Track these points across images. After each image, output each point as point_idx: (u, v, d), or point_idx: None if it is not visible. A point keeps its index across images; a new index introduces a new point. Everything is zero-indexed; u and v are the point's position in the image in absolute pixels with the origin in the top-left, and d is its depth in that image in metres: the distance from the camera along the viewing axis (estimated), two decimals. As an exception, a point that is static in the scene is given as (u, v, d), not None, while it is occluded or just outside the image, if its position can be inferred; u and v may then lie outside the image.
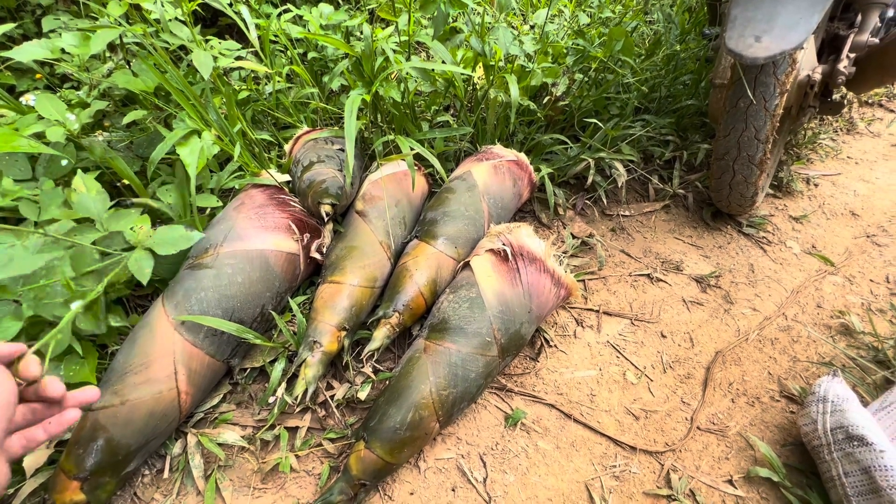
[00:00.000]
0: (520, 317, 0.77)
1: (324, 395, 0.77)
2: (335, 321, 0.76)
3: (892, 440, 0.67)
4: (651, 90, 1.30)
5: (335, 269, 0.82)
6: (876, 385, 0.85)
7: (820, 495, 0.69)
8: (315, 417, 0.76)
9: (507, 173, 1.02)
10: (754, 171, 0.99)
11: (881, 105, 1.91)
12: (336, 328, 0.75)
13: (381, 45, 0.93)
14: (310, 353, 0.72)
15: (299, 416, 0.75)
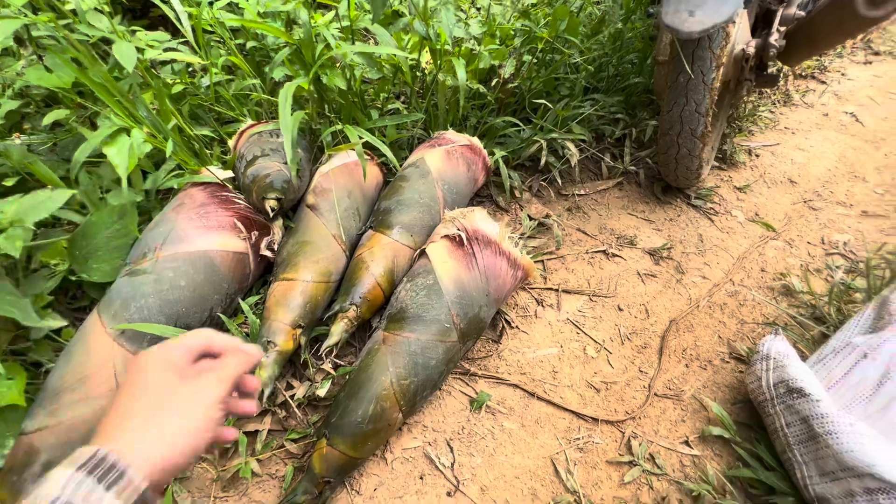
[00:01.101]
0: (478, 300, 0.77)
1: (283, 396, 0.75)
2: (289, 319, 0.73)
3: (828, 390, 0.72)
4: (599, 69, 1.32)
5: (287, 266, 0.79)
6: (814, 340, 0.90)
7: (767, 447, 0.74)
8: (276, 419, 0.74)
9: (461, 158, 1.01)
10: (697, 144, 1.02)
11: (814, 77, 2.02)
12: (291, 326, 0.73)
13: (322, 32, 0.90)
14: (264, 354, 0.70)
15: (259, 419, 0.73)
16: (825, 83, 1.99)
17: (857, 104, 1.85)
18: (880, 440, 0.60)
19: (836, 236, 1.23)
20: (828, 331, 0.91)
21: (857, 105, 1.84)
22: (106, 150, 0.72)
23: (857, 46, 2.36)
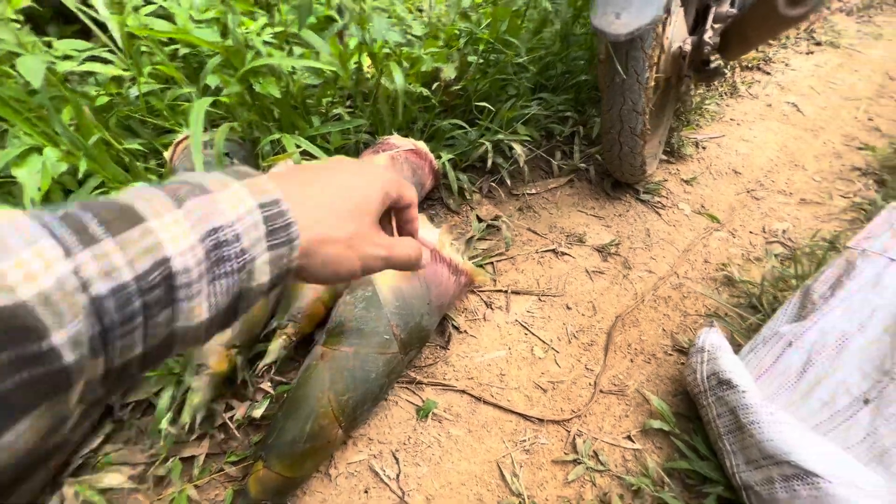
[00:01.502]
0: (419, 309, 0.76)
1: (222, 418, 0.73)
2: (223, 339, 0.71)
3: (758, 379, 0.75)
4: (546, 68, 1.33)
5: (221, 284, 0.77)
6: (751, 329, 0.94)
7: (703, 438, 0.76)
8: (214, 442, 0.72)
9: (406, 163, 1.00)
10: (638, 142, 1.04)
11: (759, 69, 2.09)
12: (224, 347, 0.71)
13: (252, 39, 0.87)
14: (195, 378, 0.68)
15: (196, 443, 0.71)
16: (770, 74, 2.06)
17: (799, 94, 1.92)
18: (799, 428, 0.62)
19: (776, 225, 1.28)
20: (763, 320, 0.94)
21: (798, 95, 1.91)
22: (15, 171, 0.68)
23: (801, 37, 2.45)
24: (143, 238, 0.20)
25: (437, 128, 1.15)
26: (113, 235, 0.20)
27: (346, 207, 0.30)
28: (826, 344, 0.71)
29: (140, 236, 0.20)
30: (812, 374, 0.70)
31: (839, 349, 0.70)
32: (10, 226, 0.17)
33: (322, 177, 0.30)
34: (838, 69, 2.18)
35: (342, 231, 0.29)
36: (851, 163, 1.55)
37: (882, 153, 1.56)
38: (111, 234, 0.20)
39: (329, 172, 0.31)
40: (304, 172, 0.30)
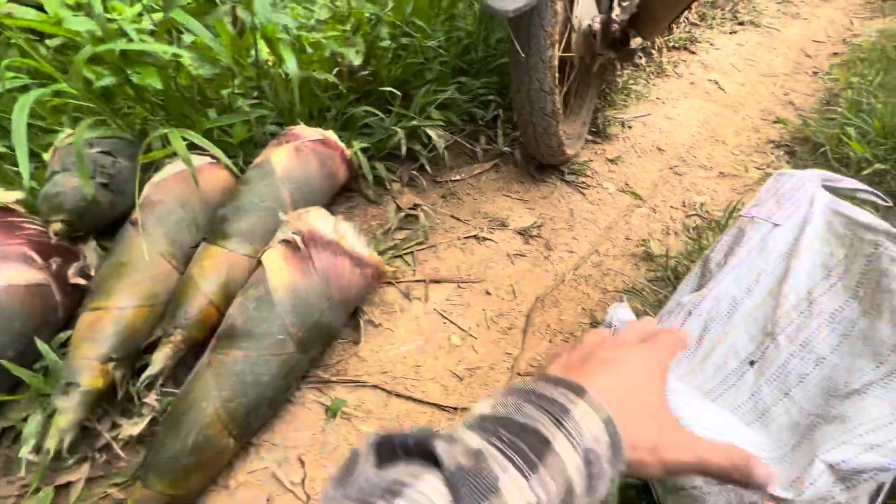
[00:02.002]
0: (318, 306, 0.73)
1: (106, 437, 0.67)
2: (97, 353, 0.65)
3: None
4: (465, 52, 1.31)
5: (97, 294, 0.71)
6: (663, 301, 0.96)
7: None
8: (97, 465, 0.66)
9: (313, 154, 0.96)
10: (551, 123, 1.04)
11: (685, 48, 2.15)
12: (100, 361, 0.65)
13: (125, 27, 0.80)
14: (63, 398, 0.62)
15: (75, 468, 0.65)
16: (695, 53, 2.12)
17: (721, 72, 1.99)
18: (690, 394, 0.63)
19: (695, 198, 1.32)
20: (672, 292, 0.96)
21: (720, 73, 1.98)
22: None
23: (725, 17, 2.54)
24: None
25: (351, 116, 1.11)
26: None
27: (646, 407, 0.30)
28: (720, 310, 0.73)
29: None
30: (707, 340, 0.72)
31: (730, 314, 0.71)
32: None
33: (616, 372, 0.31)
34: (758, 47, 2.27)
35: (646, 437, 0.29)
36: (767, 136, 1.62)
37: (793, 126, 1.63)
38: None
39: (618, 365, 0.32)
40: (604, 373, 0.31)
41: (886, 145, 1.32)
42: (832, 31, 2.56)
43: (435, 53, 1.22)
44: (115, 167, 0.83)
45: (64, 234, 0.71)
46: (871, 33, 2.45)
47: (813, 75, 2.07)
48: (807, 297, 0.65)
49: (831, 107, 1.71)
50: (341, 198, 1.12)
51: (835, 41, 2.45)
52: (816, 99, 1.83)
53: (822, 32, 2.54)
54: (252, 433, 0.68)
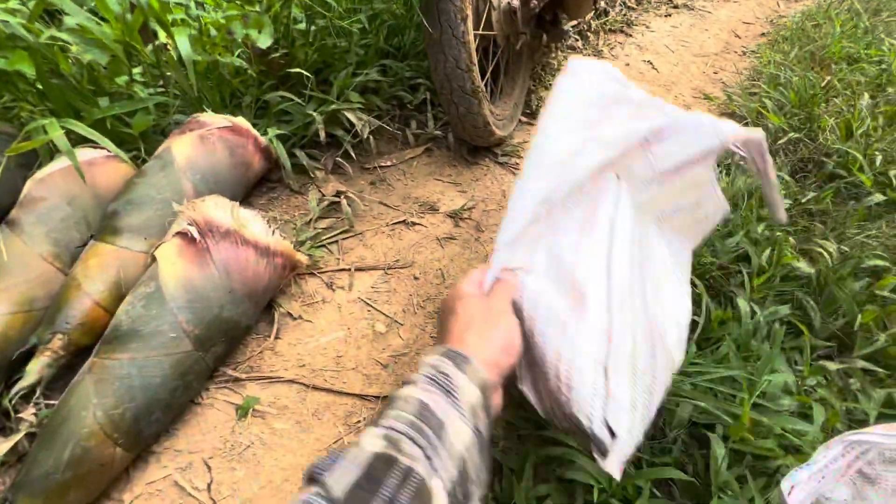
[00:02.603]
0: (217, 300, 0.68)
1: (-23, 460, 0.61)
2: (-43, 368, 0.59)
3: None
4: (391, 34, 1.27)
5: (-41, 302, 0.63)
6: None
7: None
8: (-34, 491, 0.60)
9: (220, 142, 0.90)
10: (472, 101, 1.02)
11: (622, 31, 2.19)
12: (-40, 376, 0.59)
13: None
14: None
15: (-62, 497, 0.59)
16: (631, 36, 2.16)
17: (655, 53, 2.03)
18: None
19: (627, 175, 1.33)
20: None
21: (654, 54, 2.02)
22: None
23: (661, 0, 2.60)
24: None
25: (267, 102, 1.05)
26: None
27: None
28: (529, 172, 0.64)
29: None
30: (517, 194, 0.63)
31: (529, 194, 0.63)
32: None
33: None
34: (691, 29, 2.34)
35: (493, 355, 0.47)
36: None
37: (721, 102, 1.69)
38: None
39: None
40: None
41: (800, 115, 1.39)
42: (760, 13, 2.67)
43: (357, 36, 1.18)
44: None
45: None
46: (794, 14, 2.58)
47: (742, 54, 2.15)
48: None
49: (755, 83, 1.78)
50: (262, 188, 1.06)
51: (763, 22, 2.56)
52: (743, 76, 1.90)
53: (751, 14, 2.64)
54: (147, 441, 0.63)
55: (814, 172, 1.22)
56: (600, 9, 2.09)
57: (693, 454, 0.66)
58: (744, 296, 0.82)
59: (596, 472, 0.61)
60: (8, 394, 0.64)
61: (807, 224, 1.05)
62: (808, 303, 0.85)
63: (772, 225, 1.01)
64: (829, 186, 1.11)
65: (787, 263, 0.89)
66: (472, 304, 0.49)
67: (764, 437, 0.62)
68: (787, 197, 1.11)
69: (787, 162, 1.25)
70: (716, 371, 0.69)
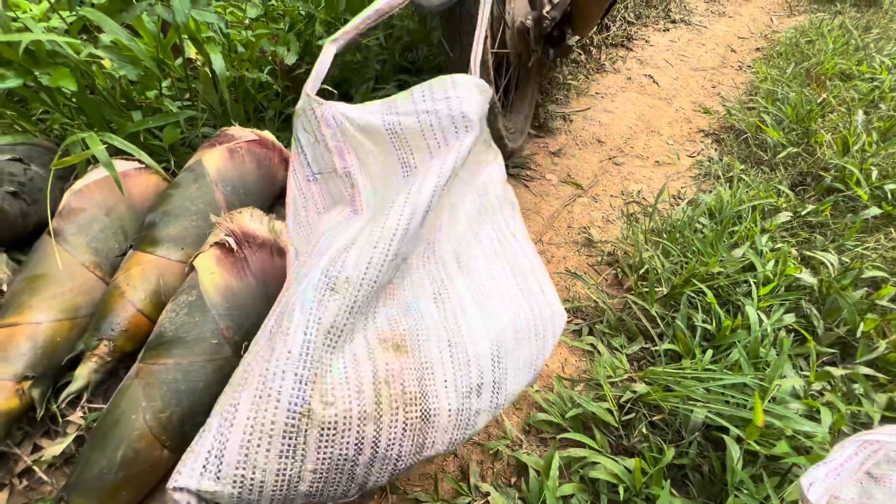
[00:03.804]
0: (255, 308, 0.71)
1: (25, 461, 0.63)
2: (10, 373, 0.61)
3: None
4: (406, 49, 1.31)
5: (9, 309, 0.66)
6: (607, 283, 1.00)
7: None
8: (17, 492, 0.62)
9: (248, 155, 0.93)
10: (489, 117, 1.06)
11: (623, 45, 2.25)
12: (13, 381, 0.61)
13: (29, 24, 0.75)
14: (-29, 422, 0.57)
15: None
16: (632, 50, 2.23)
17: (655, 67, 2.10)
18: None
19: (632, 186, 1.38)
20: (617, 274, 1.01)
21: (654, 68, 2.09)
22: None
23: (659, 16, 2.68)
24: None
25: (290, 116, 1.09)
26: None
27: None
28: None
29: None
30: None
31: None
32: None
33: None
34: (689, 44, 2.41)
35: None
36: (698, 126, 1.72)
37: (720, 116, 1.75)
38: None
39: None
40: None
41: (798, 130, 1.44)
42: (754, 28, 2.76)
43: (375, 52, 1.22)
44: (26, 175, 0.78)
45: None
46: (787, 30, 2.66)
47: (738, 69, 2.22)
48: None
49: (753, 97, 1.85)
50: (283, 199, 1.10)
51: (757, 37, 2.64)
52: (741, 91, 1.97)
53: (746, 29, 2.73)
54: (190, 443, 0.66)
55: (812, 186, 1.27)
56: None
57: (709, 455, 0.69)
58: (752, 305, 0.86)
59: (620, 472, 0.64)
60: (55, 398, 0.66)
61: (807, 235, 1.10)
62: (812, 311, 0.89)
63: (775, 237, 1.05)
64: (828, 199, 1.16)
65: (791, 274, 0.94)
66: None
67: (776, 439, 0.66)
68: (787, 209, 1.16)
69: (786, 175, 1.31)
70: (728, 377, 0.73)
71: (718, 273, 0.94)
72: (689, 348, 0.81)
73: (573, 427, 0.74)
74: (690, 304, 0.90)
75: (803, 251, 1.04)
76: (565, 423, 0.75)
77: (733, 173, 1.34)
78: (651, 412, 0.75)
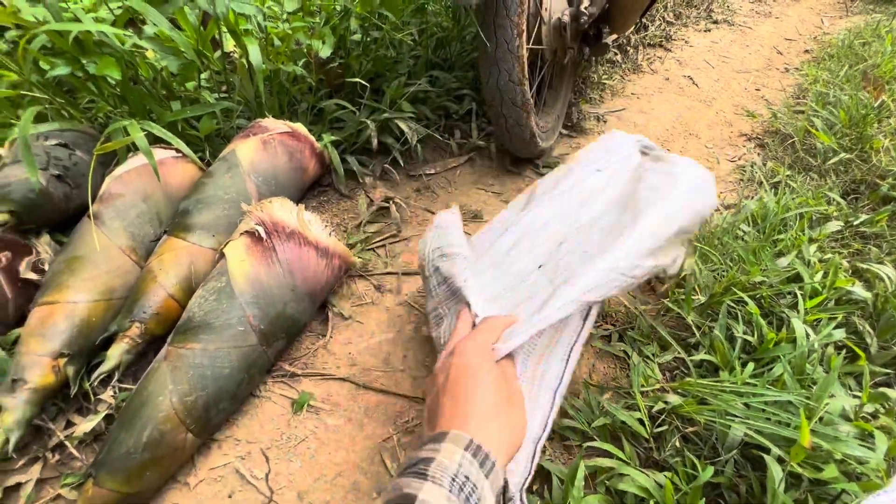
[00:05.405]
0: (281, 297, 0.72)
1: (59, 436, 0.65)
2: (47, 349, 0.63)
3: (479, 258, 0.75)
4: (439, 46, 1.30)
5: (49, 288, 0.68)
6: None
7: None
8: (49, 465, 0.64)
9: (281, 147, 0.94)
10: (522, 114, 1.04)
11: (661, 46, 2.18)
12: (50, 357, 0.63)
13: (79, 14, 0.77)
14: (9, 395, 0.59)
15: (24, 469, 0.63)
16: (670, 50, 2.16)
17: (695, 68, 2.02)
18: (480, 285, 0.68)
19: (668, 190, 1.33)
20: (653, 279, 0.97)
21: (694, 69, 2.01)
22: None
23: (700, 16, 2.59)
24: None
25: (322, 109, 1.10)
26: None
27: (493, 406, 0.43)
28: (532, 228, 0.76)
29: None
30: (515, 252, 0.73)
31: (539, 232, 0.75)
32: None
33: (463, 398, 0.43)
34: (732, 45, 2.31)
35: (502, 436, 0.42)
36: (739, 129, 1.65)
37: (764, 119, 1.66)
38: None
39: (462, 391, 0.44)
40: (456, 405, 0.43)
41: (851, 136, 1.36)
42: (803, 30, 2.62)
43: (408, 47, 1.21)
44: (71, 160, 0.81)
45: (9, 225, 0.68)
46: (839, 31, 2.52)
47: (784, 71, 2.12)
48: (596, 219, 0.73)
49: (801, 101, 1.75)
50: (313, 192, 1.10)
51: (805, 39, 2.51)
52: (787, 94, 1.87)
53: (794, 30, 2.60)
54: (213, 429, 0.67)
55: (867, 194, 1.19)
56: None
57: (747, 475, 0.65)
58: (798, 318, 0.80)
59: (651, 487, 0.61)
60: (89, 376, 0.68)
61: (860, 247, 1.03)
62: (864, 328, 0.83)
63: (824, 247, 0.99)
64: (884, 209, 1.08)
65: (841, 287, 0.88)
66: (494, 381, 0.44)
67: (823, 462, 0.61)
68: (837, 218, 1.09)
69: (837, 182, 1.23)
70: (771, 393, 0.68)
71: (761, 282, 0.89)
72: (727, 360, 0.77)
73: (600, 436, 0.71)
74: (729, 313, 0.85)
75: (855, 263, 0.97)
76: (592, 431, 0.72)
77: (778, 179, 1.27)
78: (684, 425, 0.71)
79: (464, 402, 0.42)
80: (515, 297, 0.67)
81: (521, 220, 0.77)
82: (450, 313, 0.68)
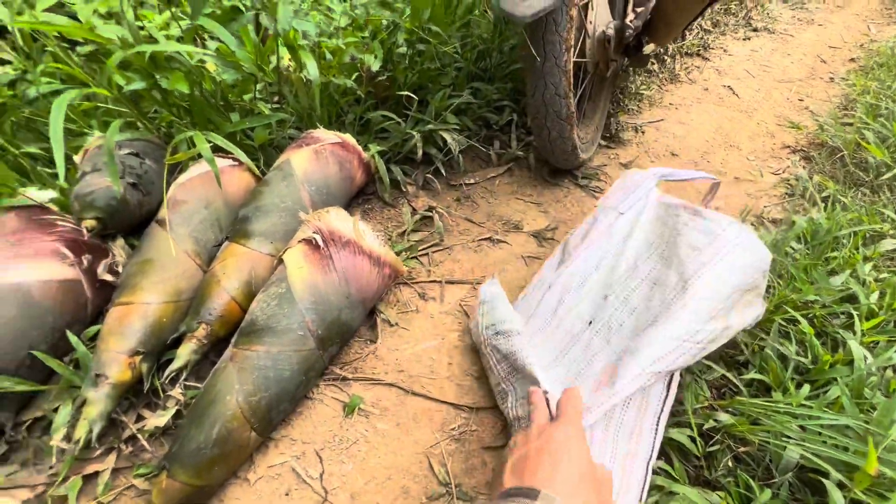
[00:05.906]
0: (337, 304, 0.74)
1: (131, 429, 0.69)
2: (125, 347, 0.67)
3: (528, 320, 0.81)
4: (480, 58, 1.33)
5: (125, 289, 0.73)
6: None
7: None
8: (123, 456, 0.68)
9: (332, 157, 0.98)
10: (566, 126, 1.05)
11: (699, 55, 2.15)
12: (127, 355, 0.67)
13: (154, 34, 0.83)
14: (93, 389, 0.64)
15: (101, 458, 0.67)
16: (708, 59, 2.12)
17: (735, 78, 1.98)
18: (539, 357, 0.73)
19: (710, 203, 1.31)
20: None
21: (734, 79, 1.97)
22: None
23: (739, 24, 2.54)
24: None
25: (368, 120, 1.13)
26: None
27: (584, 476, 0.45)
28: (572, 284, 0.81)
29: None
30: (562, 310, 0.79)
31: (580, 286, 0.79)
32: None
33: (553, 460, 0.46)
34: (773, 53, 2.26)
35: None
36: (783, 141, 1.61)
37: (810, 131, 1.62)
38: None
39: (552, 454, 0.46)
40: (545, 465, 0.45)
41: (906, 150, 1.31)
42: (848, 37, 2.54)
43: (451, 59, 1.24)
44: (142, 168, 0.86)
45: (96, 231, 0.73)
46: (888, 39, 2.43)
47: (829, 81, 2.06)
48: (633, 266, 0.77)
49: (848, 112, 1.70)
50: (358, 200, 1.14)
51: (851, 47, 2.43)
52: (833, 104, 1.82)
53: (838, 38, 2.52)
54: (272, 428, 0.70)
55: (923, 212, 1.15)
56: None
57: (804, 500, 0.64)
58: (854, 339, 0.78)
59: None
60: (159, 373, 0.72)
61: (918, 267, 0.99)
62: (926, 352, 0.80)
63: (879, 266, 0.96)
64: (945, 228, 1.05)
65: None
66: (581, 457, 0.46)
67: (888, 490, 0.59)
68: (893, 236, 1.06)
69: (892, 199, 1.19)
70: (828, 416, 0.67)
71: (813, 301, 0.87)
72: (780, 380, 0.75)
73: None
74: (780, 332, 0.83)
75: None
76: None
77: (827, 194, 1.24)
78: (736, 444, 0.70)
79: (555, 468, 0.45)
80: (572, 360, 0.72)
81: (559, 278, 0.82)
82: (513, 389, 0.72)
